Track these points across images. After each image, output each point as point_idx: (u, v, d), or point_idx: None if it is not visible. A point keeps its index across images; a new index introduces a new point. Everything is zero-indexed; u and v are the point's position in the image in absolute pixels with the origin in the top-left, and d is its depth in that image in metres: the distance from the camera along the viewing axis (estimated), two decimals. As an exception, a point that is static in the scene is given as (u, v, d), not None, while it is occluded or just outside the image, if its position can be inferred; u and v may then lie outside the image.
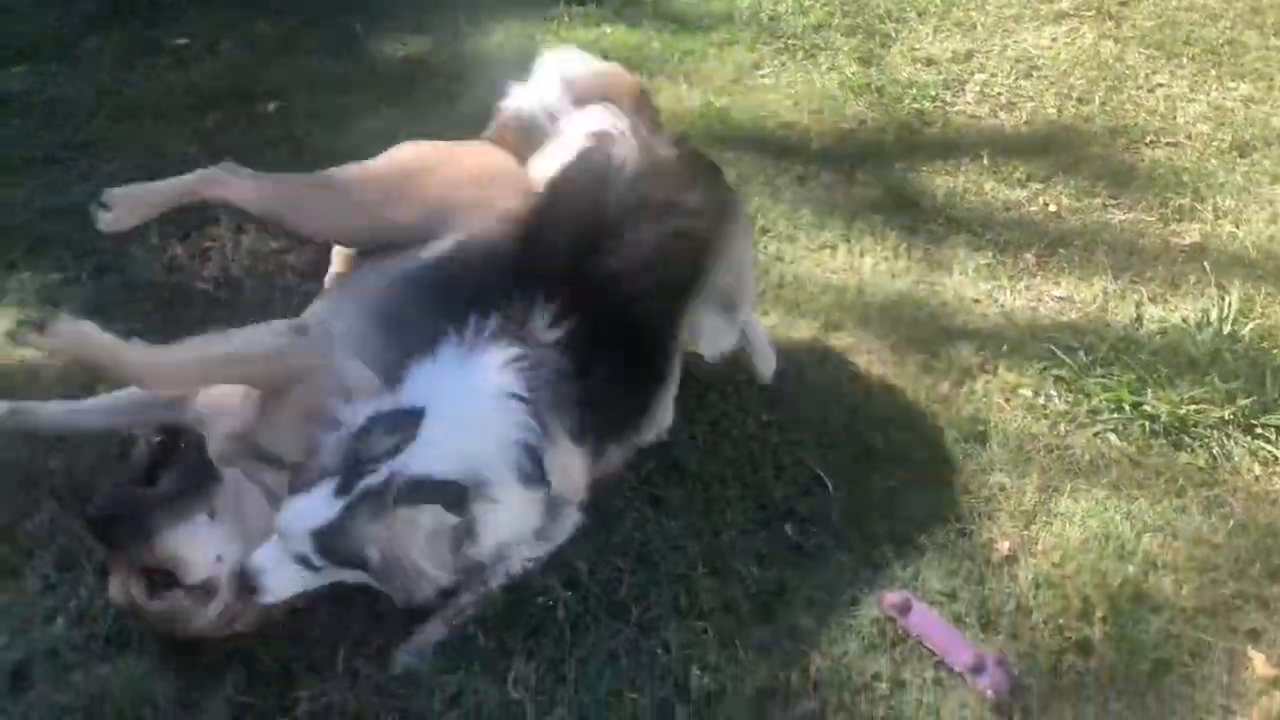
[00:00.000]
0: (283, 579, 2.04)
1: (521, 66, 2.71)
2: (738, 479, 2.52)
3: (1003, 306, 3.03)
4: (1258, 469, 2.57)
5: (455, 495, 2.00)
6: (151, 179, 2.93)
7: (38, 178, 3.37)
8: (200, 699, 2.08)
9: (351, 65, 3.93)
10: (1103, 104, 3.92)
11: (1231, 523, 2.44)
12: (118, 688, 2.08)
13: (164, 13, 4.36)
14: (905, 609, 2.21)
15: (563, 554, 2.31)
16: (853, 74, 4.01)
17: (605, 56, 3.18)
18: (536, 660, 2.16)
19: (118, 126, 3.60)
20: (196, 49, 4.13)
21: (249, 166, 2.45)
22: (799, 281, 3.06)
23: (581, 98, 2.63)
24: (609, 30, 4.34)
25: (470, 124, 2.75)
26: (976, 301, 3.06)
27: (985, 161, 3.59)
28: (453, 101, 3.71)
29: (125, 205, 2.36)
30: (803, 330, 2.92)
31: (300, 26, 4.31)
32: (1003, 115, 3.89)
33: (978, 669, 2.11)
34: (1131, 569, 2.32)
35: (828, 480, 2.49)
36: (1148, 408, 2.68)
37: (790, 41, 4.26)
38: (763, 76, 4.04)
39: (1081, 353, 2.84)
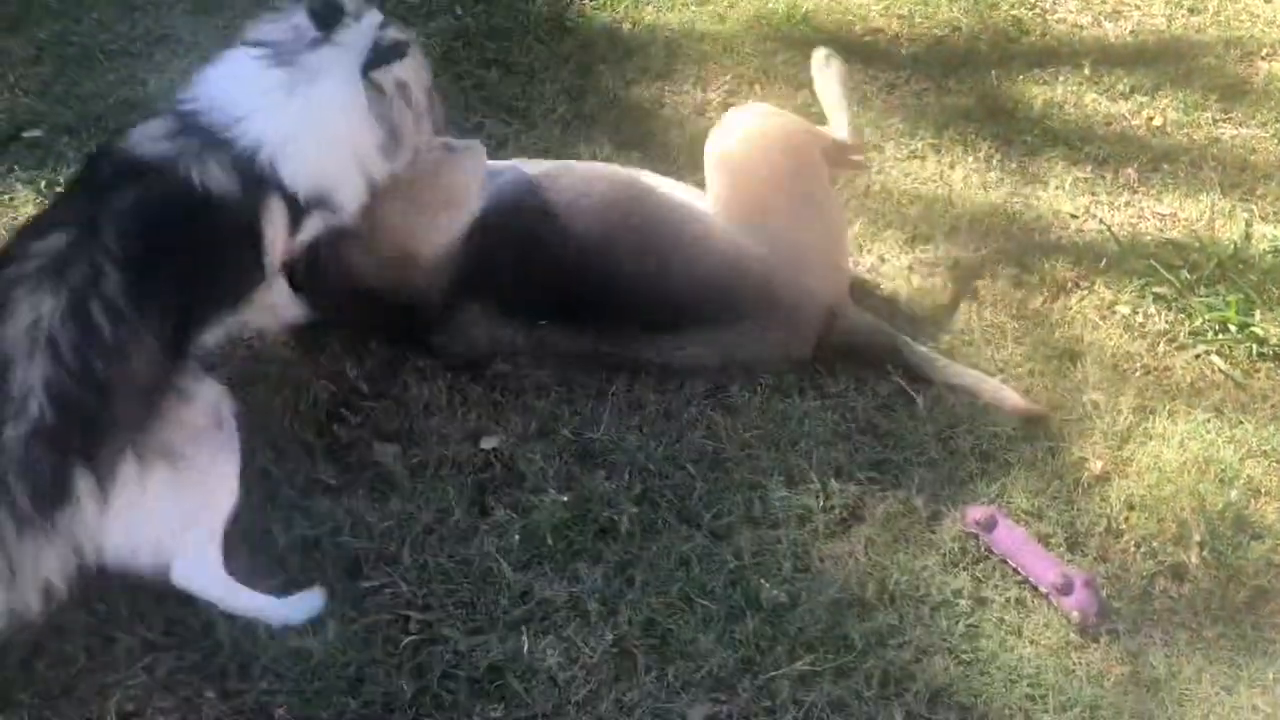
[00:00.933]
0: None
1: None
2: (816, 390, 2.44)
3: (1100, 222, 2.87)
4: (1372, 397, 2.43)
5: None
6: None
7: (115, 70, 3.33)
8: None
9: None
10: (1215, 14, 3.67)
11: (1342, 451, 2.30)
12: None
13: (241, -94, 4.28)
14: (990, 525, 2.13)
15: (631, 458, 2.28)
16: (946, -21, 3.80)
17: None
18: (605, 563, 2.13)
19: (193, 21, 3.54)
20: (274, -56, 4.06)
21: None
22: (886, 191, 2.93)
23: None
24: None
25: None
26: (1073, 216, 2.90)
27: (1086, 72, 3.39)
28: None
29: None
30: (889, 241, 2.80)
31: (379, -77, 4.21)
32: (1107, 25, 3.66)
33: (1065, 589, 2.03)
34: (1234, 494, 2.21)
35: (915, 395, 2.40)
36: (1256, 329, 2.53)
37: (878, -57, 4.04)
38: (850, -21, 3.85)
39: (1185, 271, 2.68)
